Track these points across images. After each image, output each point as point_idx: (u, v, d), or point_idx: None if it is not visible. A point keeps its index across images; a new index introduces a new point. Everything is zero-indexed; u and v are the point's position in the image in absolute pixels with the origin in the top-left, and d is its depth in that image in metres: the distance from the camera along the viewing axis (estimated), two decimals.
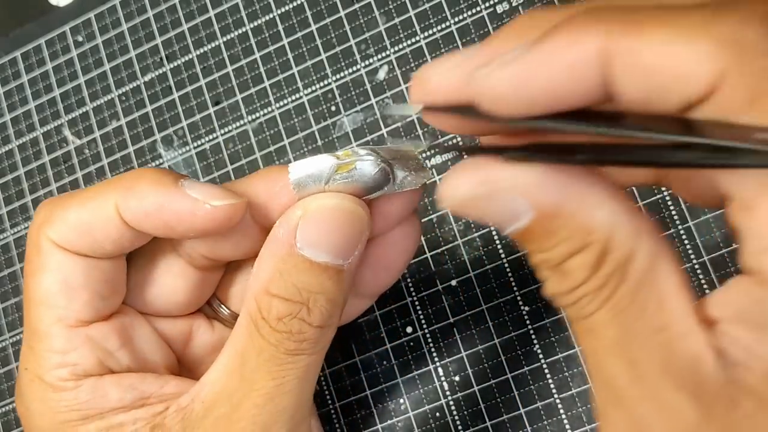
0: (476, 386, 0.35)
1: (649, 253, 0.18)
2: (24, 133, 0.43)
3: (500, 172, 0.19)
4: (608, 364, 0.19)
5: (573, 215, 0.18)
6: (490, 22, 0.37)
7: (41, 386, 0.25)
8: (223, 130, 0.40)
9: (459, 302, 0.36)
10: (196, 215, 0.24)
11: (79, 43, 0.43)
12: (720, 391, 0.17)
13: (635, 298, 0.18)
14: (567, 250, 0.19)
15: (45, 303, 0.25)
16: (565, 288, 0.19)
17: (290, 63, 0.39)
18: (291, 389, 0.24)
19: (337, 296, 0.25)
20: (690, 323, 0.18)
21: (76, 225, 0.25)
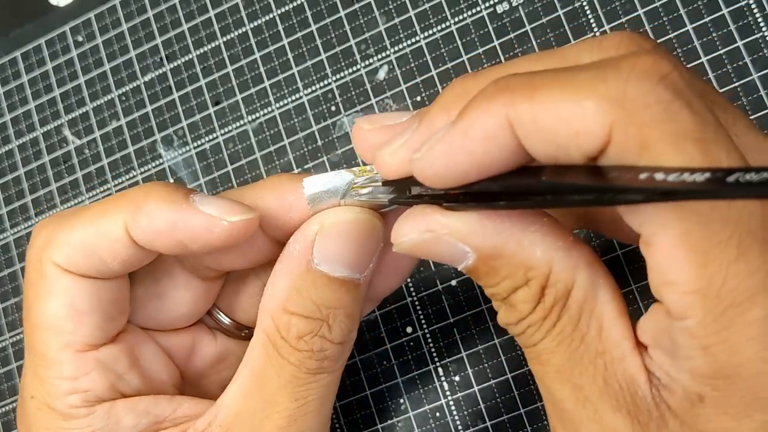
0: (476, 386, 0.35)
1: (587, 284, 0.20)
2: (24, 133, 0.43)
3: (441, 220, 0.21)
4: (555, 389, 0.20)
5: (512, 255, 0.20)
6: (490, 22, 0.37)
7: (50, 415, 0.24)
8: (223, 130, 0.40)
9: (459, 302, 0.36)
10: (213, 232, 0.23)
11: (79, 43, 0.43)
12: (652, 411, 0.19)
13: (576, 326, 0.20)
14: (510, 286, 0.20)
15: (51, 328, 0.24)
16: (513, 319, 0.21)
17: (290, 63, 0.39)
18: (313, 409, 0.24)
19: (355, 310, 0.24)
20: (626, 347, 0.19)
21: (82, 246, 0.24)
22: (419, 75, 0.38)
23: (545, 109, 0.17)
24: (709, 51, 0.35)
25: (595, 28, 0.36)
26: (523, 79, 0.18)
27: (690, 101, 0.17)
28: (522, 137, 0.18)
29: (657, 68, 0.17)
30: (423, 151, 0.20)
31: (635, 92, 0.17)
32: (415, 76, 0.38)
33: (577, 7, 0.36)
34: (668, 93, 0.17)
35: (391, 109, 0.38)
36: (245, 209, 0.23)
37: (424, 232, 0.21)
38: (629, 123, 0.16)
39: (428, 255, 0.22)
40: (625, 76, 0.17)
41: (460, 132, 0.19)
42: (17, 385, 0.40)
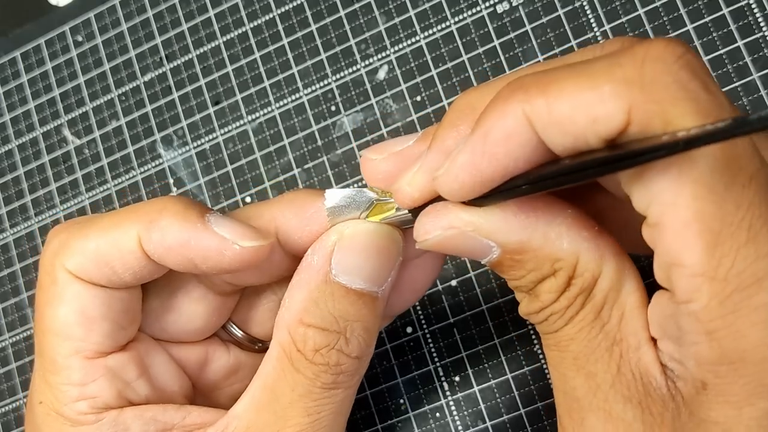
0: (476, 386, 0.35)
1: (613, 274, 0.20)
2: (23, 132, 0.43)
3: (464, 217, 0.21)
4: (569, 376, 0.21)
5: (538, 248, 0.20)
6: (490, 22, 0.37)
7: (59, 421, 0.24)
8: (223, 130, 0.40)
9: (459, 302, 0.36)
10: (224, 255, 0.23)
11: (78, 42, 0.43)
12: (667, 403, 0.19)
13: (598, 315, 0.20)
14: (536, 278, 0.20)
15: (61, 334, 0.24)
16: (536, 308, 0.21)
17: (290, 63, 0.39)
18: (326, 425, 0.24)
19: (373, 324, 0.24)
20: (643, 338, 0.20)
21: (95, 255, 0.23)
22: (419, 75, 0.38)
23: (561, 99, 0.17)
24: (710, 51, 0.35)
25: (595, 28, 0.36)
26: (536, 76, 0.18)
27: (705, 82, 0.17)
28: (541, 131, 0.18)
29: (671, 50, 0.17)
30: (446, 167, 0.20)
31: (653, 73, 0.17)
32: (415, 76, 0.38)
33: (577, 7, 0.36)
34: (685, 72, 0.17)
35: (391, 109, 0.38)
36: (259, 235, 0.23)
37: (447, 229, 0.21)
38: (649, 101, 0.16)
39: (452, 251, 0.21)
40: (640, 59, 0.17)
41: (481, 137, 0.19)
42: (17, 385, 0.40)
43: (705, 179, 0.17)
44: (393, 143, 0.24)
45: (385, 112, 0.38)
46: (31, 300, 0.41)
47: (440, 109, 0.37)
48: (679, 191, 0.17)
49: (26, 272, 0.41)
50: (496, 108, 0.19)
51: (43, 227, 0.42)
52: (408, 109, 0.38)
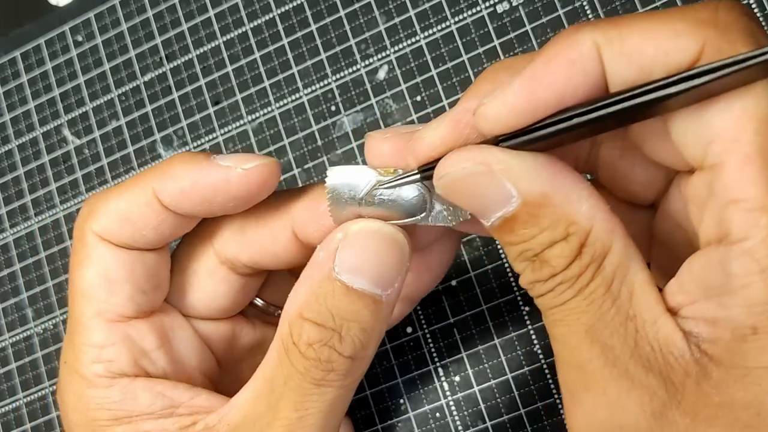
0: (476, 386, 0.35)
1: (622, 250, 0.20)
2: (23, 132, 0.43)
3: (496, 155, 0.20)
4: (581, 350, 0.20)
5: (558, 205, 0.20)
6: (490, 21, 0.37)
7: (78, 380, 0.25)
8: (223, 130, 0.40)
9: (459, 302, 0.36)
10: (231, 182, 0.24)
11: (78, 42, 0.43)
12: (690, 369, 0.19)
13: (609, 288, 0.20)
14: (549, 239, 0.20)
15: (86, 296, 0.25)
16: (543, 276, 0.20)
17: (290, 63, 0.39)
18: (313, 423, 0.23)
19: (372, 327, 0.24)
20: (658, 311, 0.20)
21: (117, 214, 0.25)
22: (419, 75, 0.38)
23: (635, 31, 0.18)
24: None
25: None
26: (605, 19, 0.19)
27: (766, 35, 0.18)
28: (608, 61, 0.18)
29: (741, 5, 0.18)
30: (494, 93, 0.20)
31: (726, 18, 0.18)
32: (415, 76, 0.38)
33: (577, 7, 0.36)
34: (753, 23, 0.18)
35: (391, 109, 0.38)
36: (260, 157, 0.25)
37: (478, 164, 0.20)
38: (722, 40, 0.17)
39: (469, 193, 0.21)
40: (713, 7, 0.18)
41: (544, 62, 0.19)
42: (17, 385, 0.40)
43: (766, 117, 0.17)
44: (401, 127, 0.24)
45: (385, 112, 0.38)
46: (31, 300, 0.41)
47: (440, 109, 0.37)
48: (743, 128, 0.17)
49: (26, 272, 0.41)
50: (562, 38, 0.19)
51: (43, 227, 0.42)
52: (408, 109, 0.38)
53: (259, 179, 0.24)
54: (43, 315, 0.41)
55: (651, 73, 0.18)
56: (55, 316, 0.40)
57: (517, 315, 0.35)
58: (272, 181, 0.25)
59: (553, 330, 0.21)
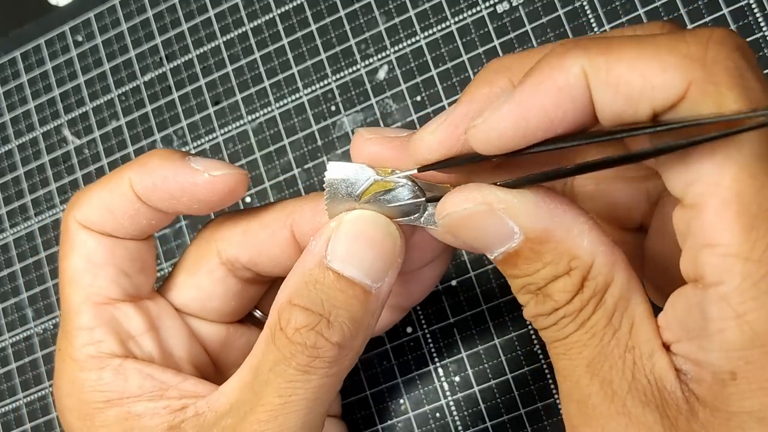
0: (476, 386, 0.35)
1: (624, 282, 0.20)
2: (23, 132, 0.43)
3: (497, 195, 0.21)
4: (583, 384, 0.20)
5: (560, 240, 0.20)
6: (490, 21, 0.37)
7: (71, 365, 0.26)
8: (223, 130, 0.40)
9: (459, 302, 0.36)
10: (197, 185, 0.25)
11: (78, 42, 0.43)
12: (681, 406, 0.19)
13: (610, 321, 0.20)
14: (551, 273, 0.20)
15: (73, 282, 0.26)
16: (547, 309, 0.21)
17: (290, 63, 0.39)
18: (297, 410, 0.23)
19: (361, 318, 0.24)
20: (655, 345, 0.20)
21: (98, 204, 0.26)
22: (419, 75, 0.38)
23: (622, 61, 0.18)
24: None
25: (596, 28, 0.36)
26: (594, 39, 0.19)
27: (758, 73, 0.18)
28: (594, 89, 0.18)
29: (733, 38, 0.18)
30: (485, 116, 0.20)
31: (715, 55, 0.17)
32: (415, 76, 0.38)
33: (577, 6, 0.36)
34: (744, 61, 0.18)
35: (391, 109, 0.38)
36: (230, 167, 0.25)
37: (479, 204, 0.21)
38: (708, 81, 0.17)
39: (472, 232, 0.21)
40: (705, 40, 0.18)
41: (533, 86, 0.19)
42: (17, 385, 0.40)
43: (748, 166, 0.17)
44: (388, 130, 0.24)
45: (385, 112, 0.38)
46: (31, 300, 0.41)
47: (440, 109, 0.37)
48: (722, 173, 0.17)
49: (26, 272, 0.41)
50: (551, 61, 0.19)
51: (43, 227, 0.42)
52: (408, 109, 0.38)
53: (224, 187, 0.25)
54: (43, 315, 0.41)
55: (636, 105, 0.18)
56: (55, 316, 0.40)
57: (517, 315, 0.35)
58: (238, 191, 0.26)
59: (556, 363, 0.21)
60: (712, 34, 0.18)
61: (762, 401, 0.18)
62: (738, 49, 0.18)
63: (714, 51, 0.17)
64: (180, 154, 0.26)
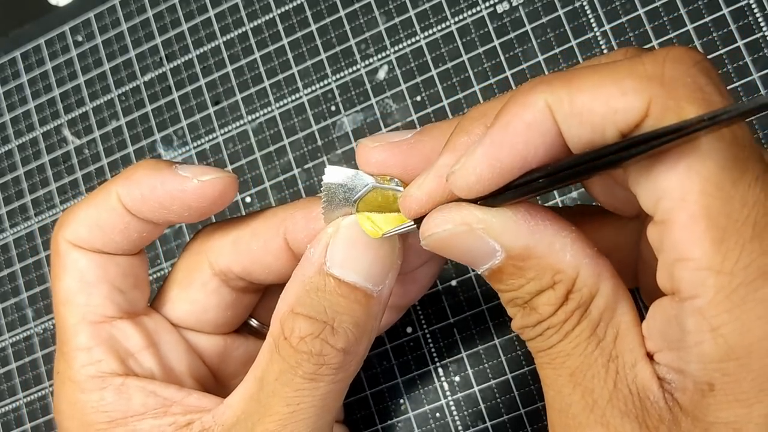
0: (476, 386, 0.35)
1: (609, 293, 0.20)
2: (23, 132, 0.43)
3: (477, 215, 0.21)
4: (565, 393, 0.21)
5: (542, 256, 0.20)
6: (490, 22, 0.37)
7: (71, 388, 0.25)
8: (223, 130, 0.40)
9: (459, 302, 0.36)
10: (186, 191, 0.25)
11: (78, 42, 0.43)
12: (664, 415, 0.19)
13: (594, 331, 0.20)
14: (535, 288, 0.21)
15: (68, 302, 0.26)
16: (532, 321, 0.21)
17: (290, 63, 0.39)
18: (306, 418, 0.23)
19: (364, 322, 0.24)
20: (638, 354, 0.20)
21: (86, 221, 0.26)
22: (419, 75, 0.38)
23: (583, 91, 0.18)
24: (710, 51, 0.35)
25: (595, 27, 0.36)
26: (559, 74, 0.19)
27: (719, 86, 0.18)
28: (561, 121, 0.18)
29: (690, 54, 0.18)
30: (462, 161, 0.20)
31: (673, 72, 0.18)
32: (415, 76, 0.38)
33: (577, 7, 0.36)
34: (702, 76, 0.18)
35: (391, 109, 0.38)
36: (219, 171, 0.25)
37: (459, 225, 0.21)
38: (668, 97, 0.17)
39: (455, 250, 0.22)
40: (661, 59, 0.18)
41: (501, 127, 0.19)
42: (17, 385, 0.40)
43: (713, 177, 0.17)
44: (391, 135, 0.24)
45: (385, 112, 0.38)
46: (31, 300, 0.41)
47: (440, 109, 0.37)
48: (688, 187, 0.17)
49: (26, 272, 0.41)
50: (517, 100, 0.19)
51: (43, 227, 0.42)
52: (408, 109, 0.38)
53: (213, 192, 0.25)
54: (43, 315, 0.41)
55: (603, 131, 0.18)
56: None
57: None
58: (227, 195, 0.25)
59: (541, 373, 0.22)
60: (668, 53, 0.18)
61: (737, 413, 0.18)
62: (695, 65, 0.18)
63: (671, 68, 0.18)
64: (166, 163, 0.26)
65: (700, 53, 0.18)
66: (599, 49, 0.36)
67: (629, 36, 0.35)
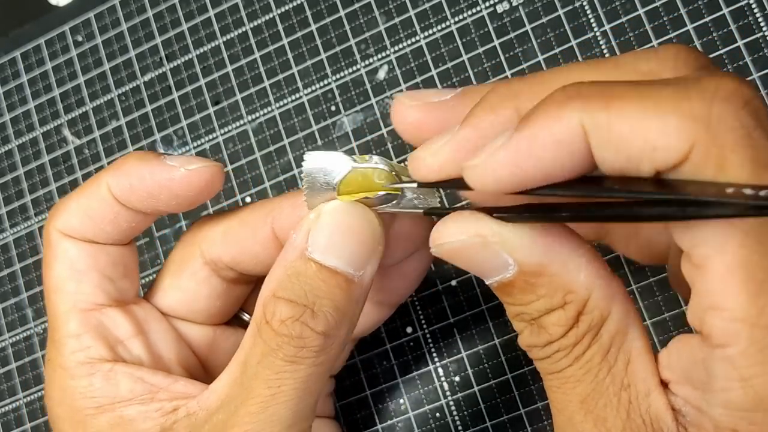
0: (476, 386, 0.35)
1: (621, 317, 0.20)
2: (23, 132, 0.43)
3: (491, 227, 0.20)
4: (576, 420, 0.20)
5: (555, 275, 0.20)
6: (490, 22, 0.37)
7: (61, 374, 0.26)
8: (223, 129, 0.40)
9: (459, 302, 0.36)
10: (174, 180, 0.25)
11: (78, 42, 0.43)
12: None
13: (605, 357, 0.20)
14: (545, 306, 0.20)
15: (58, 290, 0.26)
16: (541, 342, 0.21)
17: (290, 63, 0.39)
18: (287, 400, 0.24)
19: (345, 307, 0.24)
20: (652, 383, 0.20)
21: (77, 211, 0.26)
22: (419, 75, 0.38)
23: (623, 118, 0.17)
24: (710, 51, 0.35)
25: (595, 27, 0.36)
26: (597, 88, 0.18)
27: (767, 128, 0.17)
28: (594, 145, 0.18)
29: (741, 93, 0.17)
30: (482, 158, 0.19)
31: (720, 113, 0.17)
32: (415, 76, 0.38)
33: (577, 6, 0.36)
34: (751, 119, 0.17)
35: (391, 109, 0.38)
36: (205, 161, 0.26)
37: (473, 236, 0.20)
38: (712, 143, 0.16)
39: (466, 261, 0.21)
40: (710, 96, 0.17)
41: (528, 137, 0.18)
42: (17, 385, 0.40)
43: (753, 230, 0.17)
44: (429, 94, 0.24)
45: (385, 112, 0.38)
46: (31, 300, 0.41)
47: None
48: (728, 239, 0.17)
49: (26, 272, 0.41)
50: (549, 110, 0.18)
51: (42, 227, 0.42)
52: None
53: (200, 180, 0.25)
54: (43, 315, 0.41)
55: (638, 164, 0.17)
56: None
57: None
58: (214, 184, 0.26)
59: (550, 395, 0.21)
60: (718, 89, 0.17)
61: None
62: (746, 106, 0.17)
63: (719, 108, 0.17)
64: (155, 154, 0.26)
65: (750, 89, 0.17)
66: (599, 49, 0.36)
67: (629, 36, 0.35)
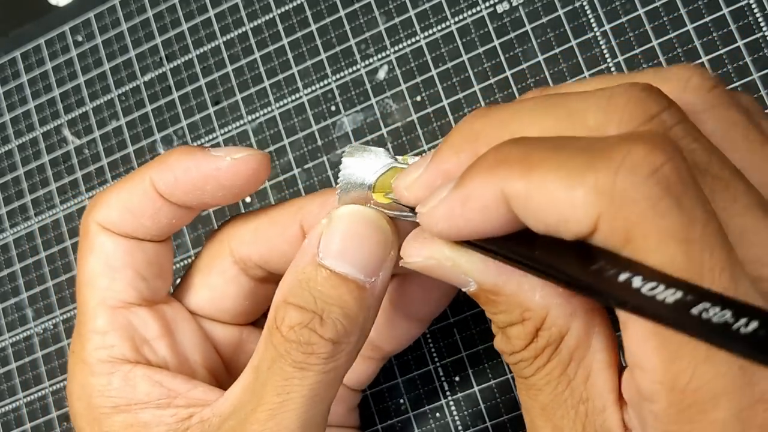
0: (476, 386, 0.35)
1: (581, 332, 0.20)
2: (23, 132, 0.43)
3: (445, 252, 0.21)
4: (538, 425, 0.21)
5: (511, 295, 0.21)
6: (490, 22, 0.37)
7: (83, 369, 0.26)
8: (223, 130, 0.40)
9: (459, 302, 0.36)
10: (220, 170, 0.25)
11: (78, 42, 0.43)
12: None
13: (564, 371, 0.20)
14: (506, 320, 0.21)
15: (90, 284, 0.26)
16: (508, 350, 0.21)
17: (290, 63, 0.39)
18: (295, 408, 0.23)
19: (356, 314, 0.24)
20: (608, 400, 0.20)
21: (117, 204, 0.26)
22: (419, 75, 0.38)
23: (538, 189, 0.18)
24: (710, 51, 0.35)
25: (595, 27, 0.36)
26: (520, 153, 0.19)
27: (680, 198, 0.17)
28: (516, 212, 0.19)
29: (649, 160, 0.17)
30: (427, 208, 0.20)
31: (623, 186, 0.16)
32: (415, 76, 0.38)
33: (577, 7, 0.36)
34: (657, 189, 0.16)
35: (391, 109, 0.38)
36: (251, 150, 0.26)
37: (428, 259, 0.22)
38: (615, 217, 0.17)
39: (434, 275, 0.22)
40: (615, 166, 0.17)
41: (460, 201, 0.19)
42: (17, 385, 0.40)
43: None
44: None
45: (385, 112, 0.38)
46: (31, 300, 0.41)
47: (440, 109, 0.37)
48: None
49: (26, 272, 0.41)
50: (477, 177, 0.19)
51: (43, 227, 0.42)
52: (408, 109, 0.38)
53: (247, 169, 0.25)
54: (43, 315, 0.41)
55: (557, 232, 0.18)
56: (55, 316, 0.40)
57: None
58: (262, 172, 0.26)
59: (519, 396, 0.22)
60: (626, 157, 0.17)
61: None
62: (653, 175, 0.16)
63: (623, 180, 0.16)
64: (199, 148, 0.26)
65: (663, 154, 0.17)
66: (599, 49, 0.36)
67: (629, 36, 0.36)
